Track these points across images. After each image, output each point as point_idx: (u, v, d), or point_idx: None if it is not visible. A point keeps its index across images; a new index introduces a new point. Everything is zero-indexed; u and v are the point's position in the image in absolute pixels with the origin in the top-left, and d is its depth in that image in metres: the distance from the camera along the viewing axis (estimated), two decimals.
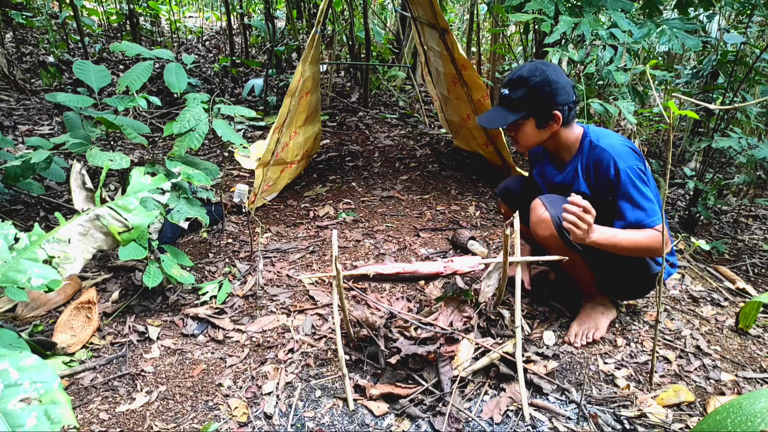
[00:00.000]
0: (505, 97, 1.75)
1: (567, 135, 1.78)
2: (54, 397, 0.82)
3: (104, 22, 6.93)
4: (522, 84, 1.71)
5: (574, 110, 1.75)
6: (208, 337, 1.94)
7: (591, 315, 1.92)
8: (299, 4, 6.02)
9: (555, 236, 1.74)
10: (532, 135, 1.78)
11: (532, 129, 1.76)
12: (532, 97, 1.70)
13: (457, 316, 1.87)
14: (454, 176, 3.52)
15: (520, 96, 1.71)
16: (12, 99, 4.46)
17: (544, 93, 1.69)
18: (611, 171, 1.67)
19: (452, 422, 1.49)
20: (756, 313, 1.77)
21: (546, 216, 1.74)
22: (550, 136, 1.78)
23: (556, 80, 1.68)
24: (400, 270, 1.81)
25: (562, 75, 1.70)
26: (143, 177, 1.60)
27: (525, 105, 1.72)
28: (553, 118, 1.72)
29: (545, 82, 1.67)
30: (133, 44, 2.23)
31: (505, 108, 1.77)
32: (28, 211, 2.81)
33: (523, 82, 1.70)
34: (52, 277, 1.27)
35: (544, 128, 1.75)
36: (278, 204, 3.16)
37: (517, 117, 1.73)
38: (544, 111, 1.72)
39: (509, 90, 1.74)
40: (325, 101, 5.19)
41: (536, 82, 1.68)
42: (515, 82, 1.72)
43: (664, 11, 3.38)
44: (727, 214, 3.04)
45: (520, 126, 1.76)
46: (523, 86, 1.70)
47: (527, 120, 1.74)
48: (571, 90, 1.71)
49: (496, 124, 1.79)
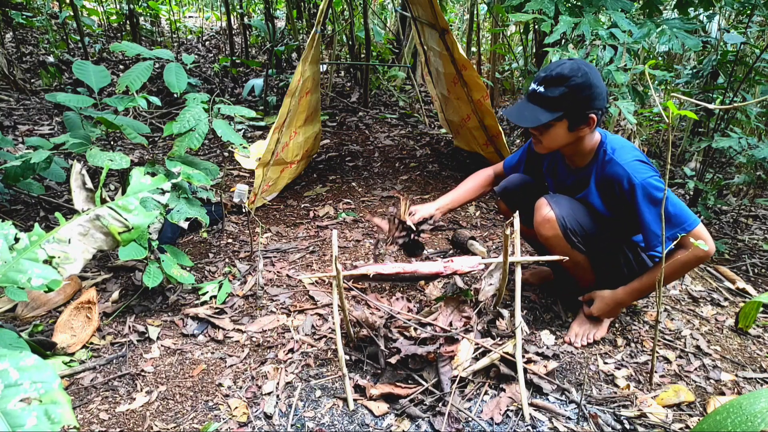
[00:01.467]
0: (539, 95, 1.64)
1: (588, 141, 1.73)
2: (54, 397, 0.82)
3: (104, 22, 6.93)
4: (561, 82, 1.59)
5: (605, 116, 1.70)
6: (208, 337, 1.94)
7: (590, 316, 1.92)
8: (299, 4, 6.02)
9: (559, 236, 1.73)
10: (561, 137, 1.69)
11: (563, 131, 1.67)
12: (572, 97, 1.60)
13: (456, 316, 1.87)
14: (454, 176, 3.52)
15: (557, 95, 1.60)
16: (12, 99, 4.46)
17: (584, 95, 1.60)
18: (625, 187, 1.63)
19: (452, 422, 1.49)
20: (756, 313, 1.77)
21: (551, 216, 1.72)
22: (575, 140, 1.71)
23: (596, 84, 1.60)
24: (400, 270, 1.81)
25: (600, 78, 1.63)
26: (143, 177, 1.60)
27: (562, 105, 1.62)
28: (587, 122, 1.64)
29: (586, 85, 1.58)
30: (133, 44, 2.23)
31: (538, 105, 1.66)
32: (28, 211, 2.81)
33: (563, 80, 1.59)
34: (52, 277, 1.26)
35: (575, 131, 1.67)
36: (278, 204, 3.16)
37: (552, 117, 1.63)
38: (580, 113, 1.63)
39: (545, 87, 1.62)
40: (325, 101, 5.19)
41: (577, 83, 1.58)
42: (554, 80, 1.60)
43: (664, 11, 3.38)
44: (727, 214, 3.04)
45: (551, 127, 1.67)
46: (562, 85, 1.59)
47: (560, 121, 1.65)
48: (605, 95, 1.65)
49: (528, 123, 1.67)
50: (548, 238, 1.75)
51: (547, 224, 1.73)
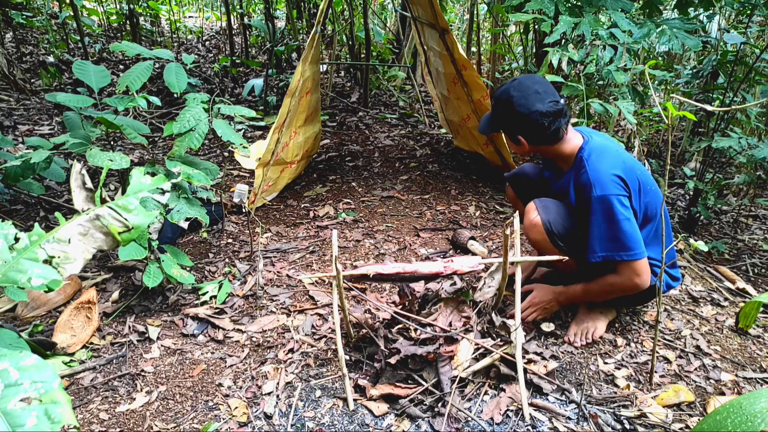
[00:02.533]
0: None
1: (559, 149, 1.78)
2: (54, 396, 0.82)
3: (104, 22, 6.93)
4: (493, 101, 1.81)
5: (547, 133, 1.71)
6: (208, 337, 1.94)
7: (589, 315, 1.92)
8: (299, 4, 6.02)
9: (546, 240, 1.78)
10: (512, 146, 1.86)
11: (509, 142, 1.85)
12: (496, 115, 1.81)
13: (456, 316, 1.87)
14: (454, 176, 3.52)
15: (492, 111, 1.84)
16: (12, 99, 4.46)
17: (504, 115, 1.77)
18: (586, 196, 1.68)
19: (452, 422, 1.49)
20: (756, 313, 1.77)
21: (537, 221, 1.78)
22: (534, 150, 1.81)
23: (516, 109, 1.69)
24: (400, 270, 1.81)
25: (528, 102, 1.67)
26: (143, 177, 1.60)
27: (495, 121, 1.83)
28: (517, 141, 1.79)
29: (507, 109, 1.73)
30: (133, 44, 2.23)
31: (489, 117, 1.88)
32: (28, 211, 2.81)
33: (493, 98, 1.81)
34: (52, 277, 1.27)
35: (518, 145, 1.81)
36: (278, 204, 3.16)
37: (490, 130, 1.87)
38: (509, 131, 1.80)
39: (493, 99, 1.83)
40: (325, 101, 5.19)
41: (499, 105, 1.76)
42: (492, 98, 1.82)
43: (664, 11, 3.38)
44: (727, 214, 3.04)
45: (504, 135, 1.87)
46: (493, 101, 1.81)
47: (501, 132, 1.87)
48: (539, 117, 1.67)
49: (479, 130, 1.92)
50: (537, 242, 1.82)
51: (534, 229, 1.79)
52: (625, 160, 1.71)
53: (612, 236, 1.64)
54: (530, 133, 1.74)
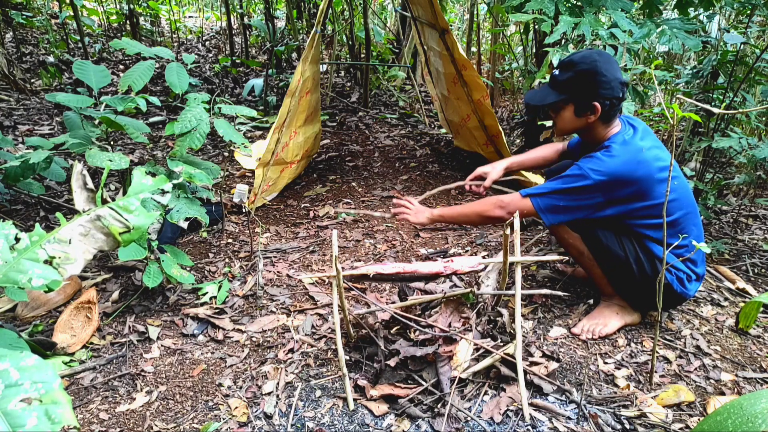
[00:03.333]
0: (553, 78, 1.77)
1: (601, 131, 1.78)
2: (54, 397, 0.82)
3: (104, 22, 6.93)
4: (570, 67, 1.72)
5: (616, 107, 1.73)
6: (208, 337, 1.94)
7: (603, 312, 1.92)
8: (299, 4, 6.02)
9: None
10: (569, 121, 1.79)
11: (570, 115, 1.77)
12: (576, 82, 1.71)
13: (455, 316, 1.86)
14: (454, 176, 3.52)
15: (565, 79, 1.73)
16: (12, 99, 4.46)
17: (588, 82, 1.69)
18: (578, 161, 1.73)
19: (452, 422, 1.49)
20: (756, 313, 1.77)
21: None
22: (585, 127, 1.78)
23: (604, 73, 1.67)
24: (400, 270, 1.81)
25: (612, 69, 1.69)
26: (144, 178, 1.60)
27: (567, 89, 1.73)
28: (592, 109, 1.72)
29: (592, 72, 1.67)
30: (134, 42, 2.22)
31: (550, 88, 1.79)
32: (28, 211, 2.81)
33: (571, 66, 1.71)
34: (53, 277, 1.26)
35: (582, 117, 1.75)
36: (278, 204, 3.16)
37: (557, 99, 1.75)
38: (585, 99, 1.72)
39: (559, 71, 1.76)
40: (325, 101, 5.19)
41: (583, 69, 1.68)
42: (565, 65, 1.74)
43: (664, 11, 3.38)
44: (727, 214, 3.04)
45: (561, 109, 1.79)
46: (570, 70, 1.71)
47: (567, 105, 1.76)
48: (618, 86, 1.69)
49: (536, 101, 1.81)
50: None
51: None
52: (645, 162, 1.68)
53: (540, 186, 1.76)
54: (608, 102, 1.71)
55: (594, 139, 1.80)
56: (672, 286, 1.78)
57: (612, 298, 1.94)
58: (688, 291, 1.82)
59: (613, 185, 1.66)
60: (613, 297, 1.93)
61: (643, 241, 1.77)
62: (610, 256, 1.80)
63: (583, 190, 1.68)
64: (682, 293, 1.81)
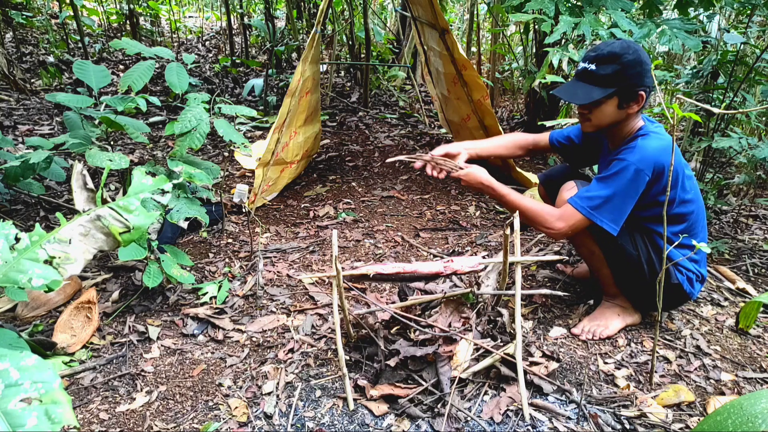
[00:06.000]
0: (591, 73, 1.69)
1: (635, 121, 1.76)
2: (54, 397, 0.82)
3: (104, 22, 6.93)
4: (614, 60, 1.64)
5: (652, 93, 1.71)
6: (208, 337, 1.94)
7: (605, 313, 1.91)
8: (299, 4, 6.02)
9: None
10: (610, 114, 1.72)
11: (613, 108, 1.71)
12: (624, 74, 1.64)
13: (455, 316, 1.86)
14: None
15: (609, 72, 1.65)
16: (12, 99, 4.46)
17: (635, 72, 1.64)
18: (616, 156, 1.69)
19: (452, 422, 1.49)
20: (756, 313, 1.77)
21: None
22: (624, 118, 1.73)
23: (646, 61, 1.65)
24: (400, 270, 1.81)
25: (648, 57, 1.68)
26: (144, 178, 1.60)
27: (614, 82, 1.66)
28: (637, 99, 1.68)
29: (638, 62, 1.63)
30: (133, 41, 2.22)
31: (589, 83, 1.71)
32: (28, 211, 2.81)
33: (615, 58, 1.64)
34: (53, 277, 1.26)
35: (624, 108, 1.70)
36: (278, 204, 3.16)
37: (605, 94, 1.67)
38: (631, 90, 1.67)
39: (597, 65, 1.67)
40: (325, 101, 5.19)
41: (630, 59, 1.63)
42: (606, 58, 1.65)
43: (664, 11, 3.37)
44: (727, 214, 3.04)
45: (601, 104, 1.71)
46: (614, 62, 1.64)
47: (611, 98, 1.69)
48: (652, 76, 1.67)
49: (582, 100, 1.72)
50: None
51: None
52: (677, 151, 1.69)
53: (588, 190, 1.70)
54: (649, 90, 1.66)
55: (624, 131, 1.77)
56: (682, 286, 1.78)
57: (615, 299, 1.93)
58: (694, 291, 1.83)
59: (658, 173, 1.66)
60: (616, 297, 1.92)
61: (654, 238, 1.77)
62: (623, 255, 1.78)
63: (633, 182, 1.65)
64: (689, 293, 1.82)
